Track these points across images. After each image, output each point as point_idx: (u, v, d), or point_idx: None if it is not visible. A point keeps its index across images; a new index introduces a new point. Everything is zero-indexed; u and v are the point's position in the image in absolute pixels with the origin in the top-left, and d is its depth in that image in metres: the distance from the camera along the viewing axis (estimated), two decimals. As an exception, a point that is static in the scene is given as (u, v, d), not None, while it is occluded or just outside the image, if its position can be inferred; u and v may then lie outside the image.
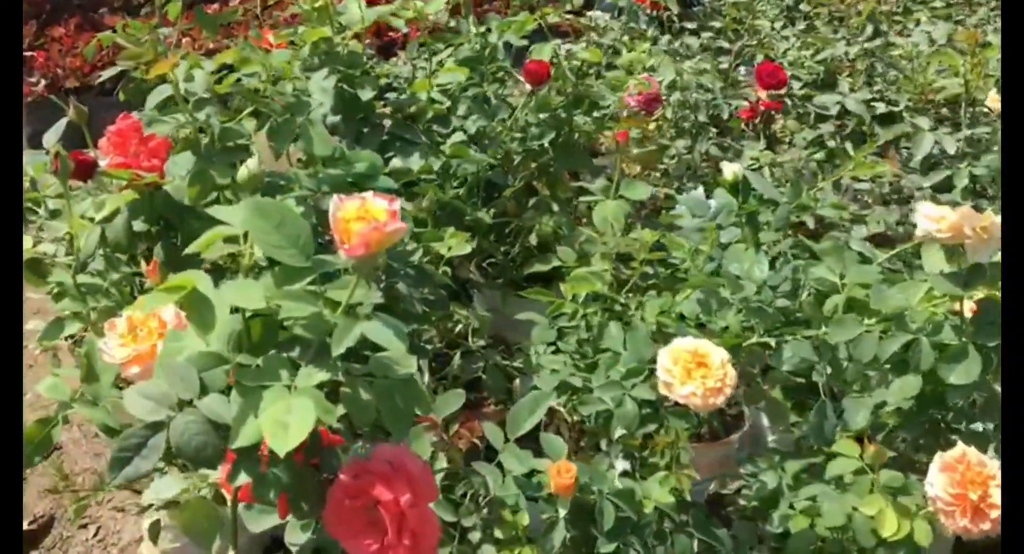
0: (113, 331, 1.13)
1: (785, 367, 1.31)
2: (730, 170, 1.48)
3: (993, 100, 2.00)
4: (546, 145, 1.84)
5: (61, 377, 1.34)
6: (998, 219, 1.17)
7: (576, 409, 1.36)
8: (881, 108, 2.14)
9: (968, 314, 1.18)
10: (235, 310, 0.86)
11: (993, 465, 1.08)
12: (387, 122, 1.81)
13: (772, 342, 1.28)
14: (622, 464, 1.36)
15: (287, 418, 0.77)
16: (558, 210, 1.81)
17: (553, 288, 2.08)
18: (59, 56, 3.37)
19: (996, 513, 1.05)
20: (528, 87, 1.85)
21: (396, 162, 1.74)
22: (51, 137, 1.40)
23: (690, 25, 2.62)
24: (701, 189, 1.91)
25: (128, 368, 1.12)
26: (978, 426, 1.28)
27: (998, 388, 1.21)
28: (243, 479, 0.83)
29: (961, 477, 1.07)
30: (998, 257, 1.18)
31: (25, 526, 1.76)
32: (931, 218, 1.19)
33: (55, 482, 1.61)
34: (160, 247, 1.52)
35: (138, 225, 1.47)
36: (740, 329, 1.41)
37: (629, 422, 1.20)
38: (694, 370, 1.12)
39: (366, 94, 1.73)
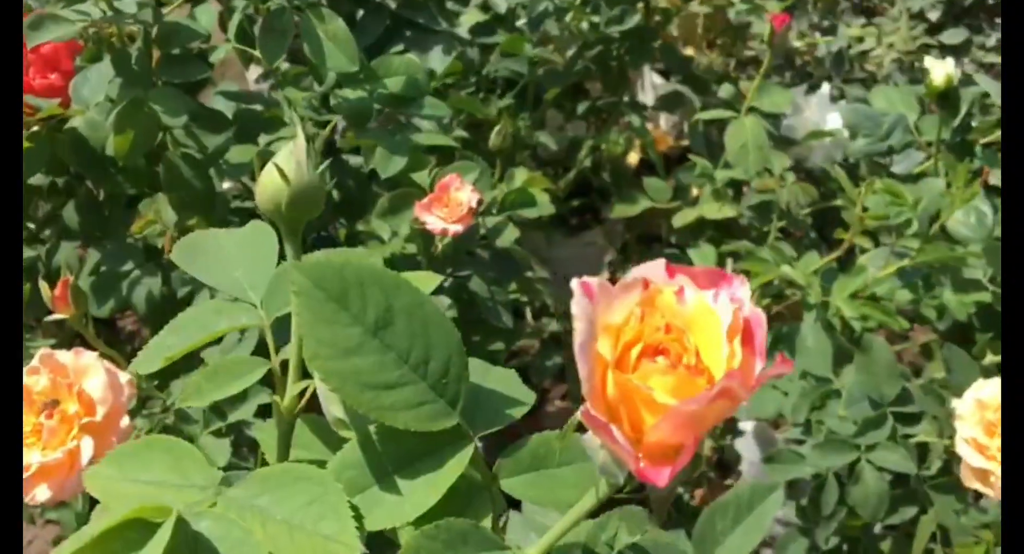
0: None
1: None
2: (942, 71, 0.98)
3: None
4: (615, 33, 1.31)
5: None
6: None
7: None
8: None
9: None
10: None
11: None
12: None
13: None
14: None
15: None
16: (639, 123, 1.29)
17: (606, 225, 1.60)
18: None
19: None
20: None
21: (408, 60, 1.20)
22: None
23: None
24: (827, 88, 1.41)
25: (32, 488, 0.61)
26: None
27: None
28: None
29: None
30: None
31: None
32: None
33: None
34: (74, 209, 0.98)
35: (34, 179, 0.94)
36: (968, 318, 0.96)
37: (875, 508, 0.74)
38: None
39: (362, -42, 1.17)
